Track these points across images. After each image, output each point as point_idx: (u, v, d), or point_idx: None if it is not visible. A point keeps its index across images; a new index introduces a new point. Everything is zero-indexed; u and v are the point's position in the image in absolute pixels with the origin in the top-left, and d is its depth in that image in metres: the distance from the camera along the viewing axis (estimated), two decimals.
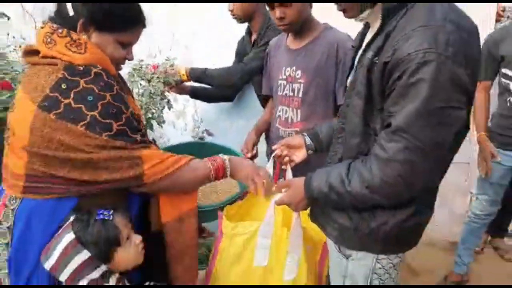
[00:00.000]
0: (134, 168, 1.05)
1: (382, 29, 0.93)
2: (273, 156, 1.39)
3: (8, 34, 2.36)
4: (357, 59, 1.05)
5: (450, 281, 2.25)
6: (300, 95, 1.63)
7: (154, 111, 1.78)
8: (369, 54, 0.94)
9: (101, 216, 1.01)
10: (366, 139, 0.98)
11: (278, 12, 1.52)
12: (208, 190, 1.55)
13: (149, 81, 1.73)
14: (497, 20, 2.42)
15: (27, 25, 2.49)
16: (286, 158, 1.36)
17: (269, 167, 1.43)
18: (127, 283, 1.08)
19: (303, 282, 1.35)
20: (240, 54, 2.17)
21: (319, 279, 1.42)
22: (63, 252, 0.98)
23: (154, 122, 1.82)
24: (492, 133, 2.05)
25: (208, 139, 2.27)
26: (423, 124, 0.84)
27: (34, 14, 2.48)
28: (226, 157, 1.22)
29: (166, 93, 1.89)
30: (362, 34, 1.09)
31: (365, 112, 0.96)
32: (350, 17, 1.01)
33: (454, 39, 0.82)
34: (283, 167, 1.41)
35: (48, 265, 0.99)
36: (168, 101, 1.88)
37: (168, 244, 1.18)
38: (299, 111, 1.65)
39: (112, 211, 1.03)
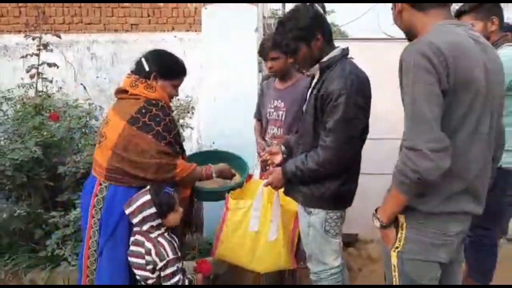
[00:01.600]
0: (172, 172, 1.74)
1: (321, 78, 1.69)
2: (260, 161, 2.09)
3: (52, 78, 3.05)
4: (308, 94, 1.78)
5: None
6: (282, 118, 2.39)
7: None
8: (315, 91, 1.68)
9: (167, 191, 1.67)
10: (316, 139, 1.68)
11: (269, 63, 2.34)
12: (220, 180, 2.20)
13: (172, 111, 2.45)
14: None
15: (67, 71, 3.21)
16: (269, 161, 2.05)
17: (257, 168, 2.14)
18: (170, 234, 1.72)
19: (280, 242, 1.99)
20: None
21: (292, 242, 2.06)
22: (140, 205, 1.63)
23: None
24: None
25: None
26: (342, 126, 1.58)
27: (74, 63, 3.20)
28: (213, 168, 1.92)
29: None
30: (311, 80, 1.84)
31: (314, 124, 1.69)
32: (305, 71, 1.79)
33: (356, 82, 1.58)
34: (267, 167, 2.10)
35: (128, 210, 1.64)
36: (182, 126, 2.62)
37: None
38: (281, 129, 2.39)
39: (173, 189, 1.70)
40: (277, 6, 3.91)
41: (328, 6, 3.15)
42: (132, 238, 1.70)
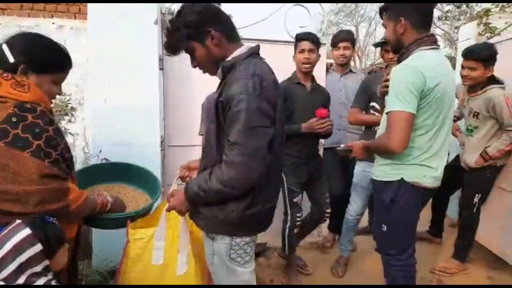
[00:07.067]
0: (64, 199, 1.30)
1: (223, 81, 1.44)
2: (178, 177, 1.76)
3: None
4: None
5: (340, 262, 2.92)
6: None
7: None
8: (216, 96, 1.42)
9: (49, 220, 1.21)
10: (220, 152, 1.41)
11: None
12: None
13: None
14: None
15: None
16: (188, 179, 1.73)
17: (174, 184, 1.79)
18: (55, 283, 1.23)
19: (192, 276, 1.70)
20: None
21: (208, 275, 1.76)
22: (17, 245, 1.12)
23: None
24: None
25: None
26: (245, 137, 1.31)
27: None
28: (110, 198, 1.58)
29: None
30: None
31: (217, 134, 1.42)
32: (212, 75, 1.51)
33: (258, 85, 1.34)
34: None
35: None
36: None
37: None
38: None
39: (55, 219, 1.24)
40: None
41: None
42: None
